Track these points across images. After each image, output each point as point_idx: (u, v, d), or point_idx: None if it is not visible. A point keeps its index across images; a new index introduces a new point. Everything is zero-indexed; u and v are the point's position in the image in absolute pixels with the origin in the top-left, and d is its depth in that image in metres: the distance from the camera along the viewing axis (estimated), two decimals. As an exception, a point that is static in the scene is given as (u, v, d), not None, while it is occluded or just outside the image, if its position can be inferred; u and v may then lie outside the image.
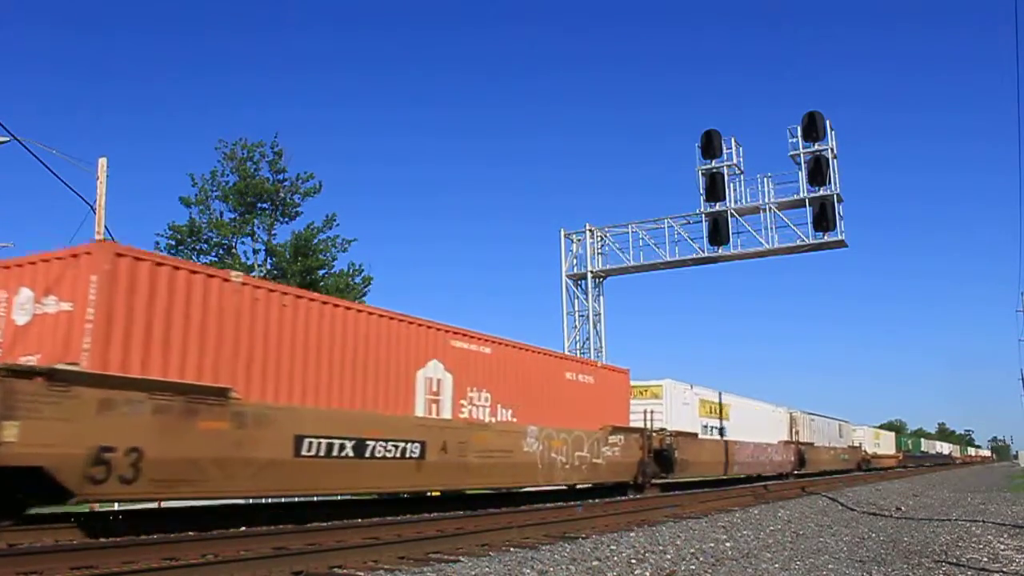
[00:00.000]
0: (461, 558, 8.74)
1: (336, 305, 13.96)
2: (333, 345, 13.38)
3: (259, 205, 30.86)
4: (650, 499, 18.72)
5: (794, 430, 38.95)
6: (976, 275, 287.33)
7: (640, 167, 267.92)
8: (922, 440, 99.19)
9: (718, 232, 28.88)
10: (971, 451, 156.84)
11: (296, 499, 16.06)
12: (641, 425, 23.49)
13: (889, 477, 39.13)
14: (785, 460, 36.77)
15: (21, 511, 10.29)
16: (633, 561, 8.51)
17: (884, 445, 66.03)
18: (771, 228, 28.42)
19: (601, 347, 31.68)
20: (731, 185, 28.95)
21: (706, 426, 28.92)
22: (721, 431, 30.27)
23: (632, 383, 25.08)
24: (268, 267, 30.80)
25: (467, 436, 15.97)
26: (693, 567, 8.25)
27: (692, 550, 9.38)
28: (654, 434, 23.81)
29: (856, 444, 53.90)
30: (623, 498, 19.57)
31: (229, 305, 11.75)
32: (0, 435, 8.63)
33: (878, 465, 57.63)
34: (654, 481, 23.60)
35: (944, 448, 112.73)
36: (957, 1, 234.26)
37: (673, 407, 26.33)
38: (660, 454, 23.79)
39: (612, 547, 9.43)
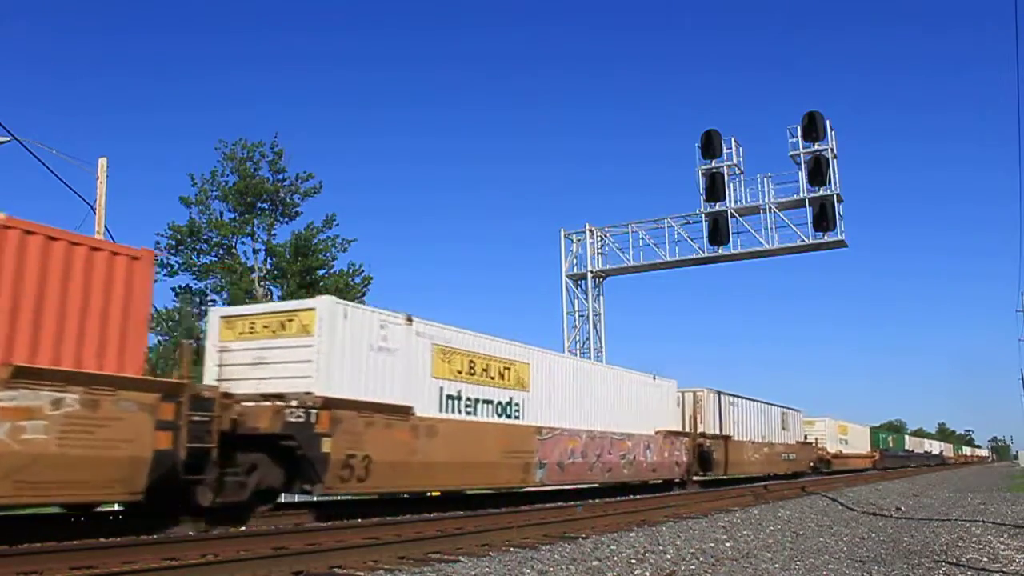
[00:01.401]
0: (461, 558, 8.75)
1: None
2: None
3: (259, 205, 30.92)
4: (650, 499, 18.11)
5: (697, 417, 27.67)
6: (976, 275, 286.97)
7: (640, 167, 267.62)
8: (906, 437, 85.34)
9: (718, 232, 28.91)
10: (967, 450, 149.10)
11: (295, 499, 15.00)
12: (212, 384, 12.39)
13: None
14: (668, 461, 25.05)
15: None
16: (633, 561, 8.51)
17: (854, 442, 54.74)
18: (771, 228, 28.48)
19: (601, 347, 31.71)
20: (731, 185, 28.99)
21: (459, 396, 16.29)
22: (507, 409, 17.76)
23: (238, 312, 14.56)
24: (268, 267, 30.85)
25: None
26: (693, 567, 8.25)
27: (692, 550, 9.38)
28: (246, 407, 12.33)
29: (810, 440, 43.67)
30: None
31: None
32: None
33: (843, 467, 47.16)
34: (284, 501, 14.00)
35: (934, 447, 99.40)
36: (957, 1, 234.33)
37: (338, 351, 13.57)
38: (274, 445, 12.56)
39: (612, 547, 9.44)
